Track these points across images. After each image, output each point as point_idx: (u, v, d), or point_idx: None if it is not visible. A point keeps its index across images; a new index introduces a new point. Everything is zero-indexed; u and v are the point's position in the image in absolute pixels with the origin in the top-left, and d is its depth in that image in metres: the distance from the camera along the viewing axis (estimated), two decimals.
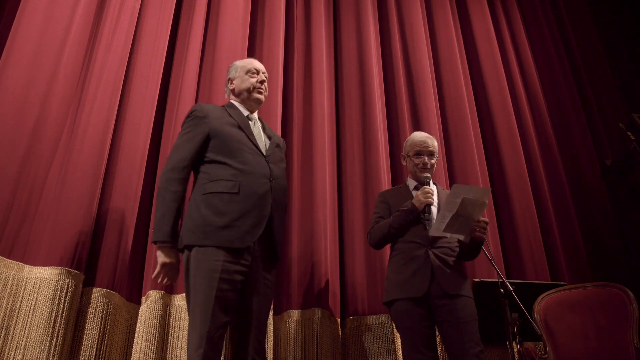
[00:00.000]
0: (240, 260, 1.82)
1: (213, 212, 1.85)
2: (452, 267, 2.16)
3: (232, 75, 2.24)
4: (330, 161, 3.27)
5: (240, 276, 1.82)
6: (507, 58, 4.39)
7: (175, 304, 2.44)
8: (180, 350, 2.32)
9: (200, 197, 1.90)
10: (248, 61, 2.25)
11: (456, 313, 2.04)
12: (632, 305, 2.41)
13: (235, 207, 1.86)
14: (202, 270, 1.77)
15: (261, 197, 1.91)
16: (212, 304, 1.72)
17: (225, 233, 1.82)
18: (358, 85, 3.55)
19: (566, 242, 3.68)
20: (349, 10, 3.89)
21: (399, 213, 2.22)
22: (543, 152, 4.06)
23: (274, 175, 1.99)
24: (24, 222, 2.24)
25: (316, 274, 2.77)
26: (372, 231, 2.32)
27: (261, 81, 2.19)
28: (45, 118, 2.42)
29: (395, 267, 2.21)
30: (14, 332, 2.02)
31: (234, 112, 2.11)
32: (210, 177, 1.92)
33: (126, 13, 2.88)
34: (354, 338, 2.75)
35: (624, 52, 4.89)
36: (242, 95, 2.18)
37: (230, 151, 1.96)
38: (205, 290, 1.74)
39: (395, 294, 2.15)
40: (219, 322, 1.73)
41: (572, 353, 2.46)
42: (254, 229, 1.86)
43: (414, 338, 2.06)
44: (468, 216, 2.04)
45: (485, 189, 2.04)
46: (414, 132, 2.53)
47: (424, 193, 2.19)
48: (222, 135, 1.99)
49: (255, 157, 1.99)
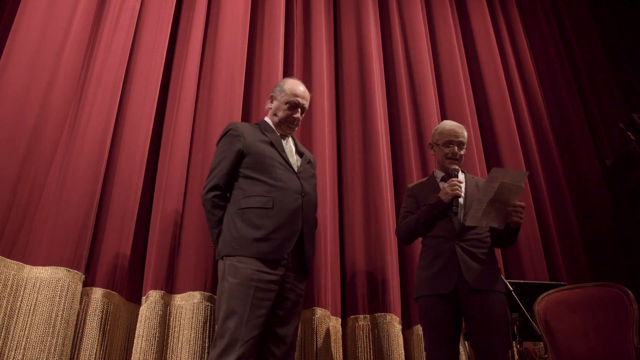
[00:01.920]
0: (274, 271, 1.92)
1: (249, 225, 1.96)
2: (482, 260, 2.08)
3: (275, 94, 2.31)
4: (331, 161, 3.26)
5: (274, 286, 1.91)
6: (506, 58, 4.39)
7: (175, 304, 2.44)
8: (180, 350, 2.32)
9: (236, 212, 2.01)
10: (293, 90, 2.27)
11: (484, 309, 1.98)
12: (632, 305, 2.41)
13: (269, 222, 1.96)
14: (239, 277, 1.87)
15: (293, 212, 2.02)
16: (248, 308, 1.80)
17: (261, 245, 1.92)
18: (358, 85, 3.55)
19: (566, 242, 3.68)
20: (349, 10, 3.89)
21: (426, 207, 2.17)
22: (542, 152, 4.06)
23: (305, 191, 2.09)
24: (24, 222, 2.24)
25: (316, 273, 2.76)
26: (400, 227, 2.28)
27: (296, 117, 2.25)
28: (45, 118, 2.41)
29: (424, 262, 2.17)
30: (14, 332, 2.02)
31: (268, 131, 2.21)
32: (245, 193, 2.03)
33: (126, 13, 2.88)
34: (354, 337, 2.75)
35: (624, 52, 4.89)
36: (275, 119, 2.26)
37: (263, 167, 2.07)
38: (242, 297, 1.82)
39: (423, 290, 2.11)
40: (254, 327, 1.80)
41: (572, 353, 2.46)
42: (287, 242, 1.97)
43: (434, 335, 2.03)
44: (505, 201, 1.97)
45: (523, 172, 1.98)
46: (444, 120, 2.45)
47: (450, 185, 2.12)
48: (256, 153, 2.10)
49: (287, 173, 2.09)
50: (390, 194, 3.28)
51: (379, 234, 3.00)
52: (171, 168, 2.69)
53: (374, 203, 3.10)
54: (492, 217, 2.00)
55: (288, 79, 2.36)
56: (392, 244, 3.05)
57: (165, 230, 2.56)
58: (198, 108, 2.99)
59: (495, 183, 1.93)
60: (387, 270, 2.90)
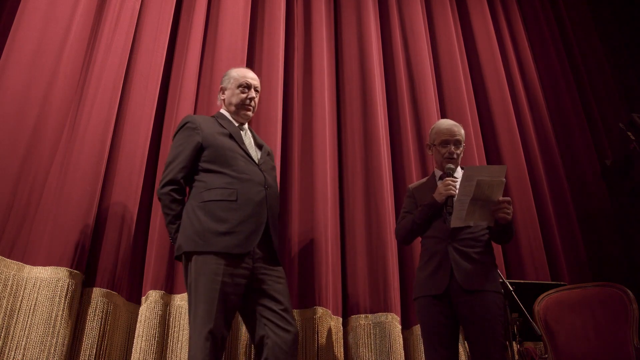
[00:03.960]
0: (242, 264, 1.87)
1: (212, 219, 1.88)
2: (475, 260, 2.05)
3: (224, 84, 2.26)
4: (331, 160, 3.27)
5: (243, 279, 1.86)
6: (507, 57, 4.38)
7: (175, 304, 2.44)
8: (180, 350, 2.32)
9: (197, 205, 1.93)
10: (242, 73, 2.24)
11: (477, 310, 1.96)
12: (632, 305, 2.41)
13: (234, 215, 1.90)
14: (204, 273, 1.80)
15: (258, 204, 1.96)
16: (215, 305, 1.75)
17: (226, 239, 1.86)
18: (359, 84, 3.55)
19: (566, 242, 3.68)
20: (349, 9, 3.89)
21: (421, 208, 2.16)
22: (543, 152, 4.06)
23: (268, 183, 2.04)
24: (24, 222, 2.24)
25: (317, 272, 2.76)
26: (398, 228, 2.27)
27: (251, 97, 2.20)
28: (45, 118, 2.42)
29: (421, 263, 2.17)
30: (14, 332, 2.02)
31: (225, 122, 2.15)
32: (207, 186, 1.96)
33: (126, 13, 2.88)
34: (355, 337, 2.75)
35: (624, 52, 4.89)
36: (231, 108, 2.21)
37: (224, 160, 2.00)
38: (208, 292, 1.77)
39: (419, 291, 2.11)
40: (222, 323, 1.76)
41: (572, 353, 2.46)
42: (253, 234, 1.91)
43: (430, 336, 2.03)
44: (487, 199, 1.94)
45: (501, 166, 1.94)
46: (441, 119, 2.43)
47: (444, 185, 2.09)
48: (215, 145, 2.03)
49: (249, 165, 2.04)
50: (391, 193, 3.28)
51: (380, 234, 3.00)
52: None
53: (374, 202, 3.10)
54: (478, 216, 1.97)
55: (233, 68, 2.32)
56: (393, 243, 3.05)
57: (166, 230, 2.55)
58: (198, 108, 2.99)
59: (472, 181, 1.89)
60: (387, 269, 2.91)
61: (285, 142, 3.20)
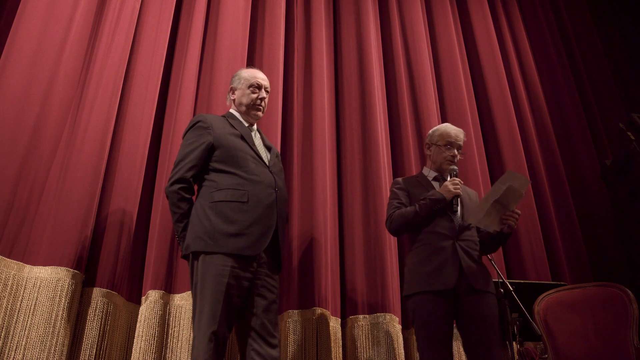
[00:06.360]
0: (249, 267, 1.87)
1: (223, 219, 1.88)
2: (477, 261, 2.11)
3: (235, 85, 2.26)
4: (331, 160, 3.27)
5: (247, 282, 1.86)
6: (507, 57, 4.38)
7: (175, 304, 2.44)
8: (180, 349, 2.32)
9: (208, 205, 1.92)
10: (252, 74, 2.24)
11: (482, 309, 1.99)
12: (632, 305, 2.41)
13: (244, 216, 1.90)
14: (210, 274, 1.81)
15: (268, 206, 1.96)
16: (220, 306, 1.75)
17: (236, 241, 1.86)
18: (358, 85, 3.55)
19: (567, 242, 3.68)
20: (349, 9, 3.89)
21: (427, 201, 2.14)
22: (543, 152, 4.06)
23: (278, 186, 2.04)
24: (24, 222, 2.24)
25: (316, 273, 2.76)
26: (394, 217, 2.21)
27: (261, 98, 2.20)
28: (45, 117, 2.42)
29: (419, 258, 2.12)
30: (14, 332, 2.02)
31: (236, 123, 2.15)
32: (217, 186, 1.95)
33: (126, 13, 2.88)
34: (354, 337, 2.75)
35: (624, 52, 4.90)
36: (242, 108, 2.21)
37: (235, 161, 2.00)
38: (214, 294, 1.77)
39: (419, 287, 2.07)
40: (224, 324, 1.77)
41: (572, 353, 2.46)
42: (263, 237, 1.91)
43: (431, 333, 2.00)
44: (506, 205, 2.00)
45: (526, 179, 2.01)
46: (445, 123, 2.46)
47: (453, 184, 2.13)
48: (227, 146, 2.02)
49: (259, 167, 2.03)
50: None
51: (379, 234, 3.00)
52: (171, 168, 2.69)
53: (373, 203, 3.10)
54: (491, 219, 2.01)
55: (243, 69, 2.33)
56: (392, 244, 3.05)
57: (165, 230, 2.56)
58: (198, 108, 2.99)
59: (505, 185, 1.94)
60: (386, 270, 2.90)
61: (285, 142, 3.20)
